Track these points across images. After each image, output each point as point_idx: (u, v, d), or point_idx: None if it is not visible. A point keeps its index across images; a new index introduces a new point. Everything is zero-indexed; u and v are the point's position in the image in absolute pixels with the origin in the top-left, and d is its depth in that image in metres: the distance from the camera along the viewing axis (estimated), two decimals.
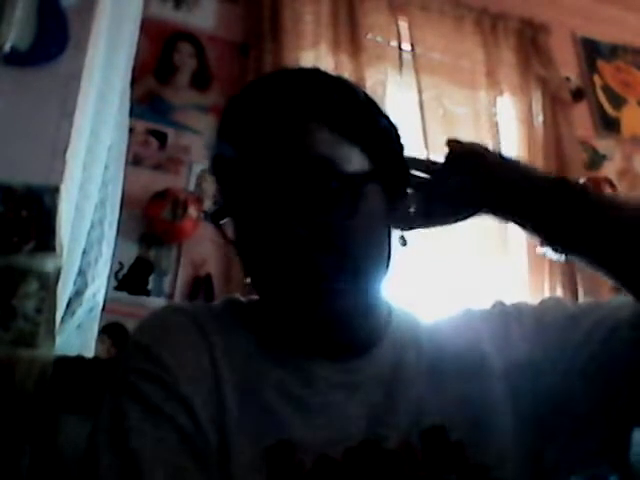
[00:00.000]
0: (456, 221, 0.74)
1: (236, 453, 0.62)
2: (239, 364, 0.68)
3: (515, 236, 2.28)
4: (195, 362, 0.66)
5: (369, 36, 2.38)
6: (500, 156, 0.74)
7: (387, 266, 0.71)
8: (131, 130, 1.89)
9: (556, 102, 2.52)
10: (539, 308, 0.76)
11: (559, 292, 2.20)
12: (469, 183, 0.71)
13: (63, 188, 1.28)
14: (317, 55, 2.26)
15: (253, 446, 0.63)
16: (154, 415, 0.62)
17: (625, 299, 0.69)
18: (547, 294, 2.18)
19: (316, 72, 0.75)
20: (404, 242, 0.73)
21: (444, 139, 0.76)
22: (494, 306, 0.78)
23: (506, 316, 0.76)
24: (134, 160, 2.02)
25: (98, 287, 1.48)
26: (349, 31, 2.34)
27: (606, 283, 2.56)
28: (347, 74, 2.22)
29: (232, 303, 0.77)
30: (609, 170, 2.58)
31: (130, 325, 1.82)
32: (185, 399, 0.63)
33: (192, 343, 0.68)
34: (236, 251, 0.71)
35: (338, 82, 0.74)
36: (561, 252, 0.67)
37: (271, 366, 0.69)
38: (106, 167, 1.54)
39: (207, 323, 0.70)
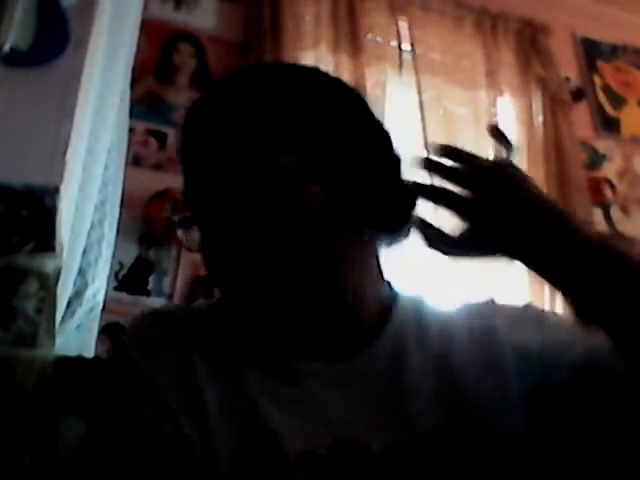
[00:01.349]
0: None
1: (220, 458, 0.63)
2: (220, 369, 0.68)
3: None
4: (176, 375, 0.67)
5: (369, 36, 2.38)
6: (538, 192, 0.63)
7: (358, 266, 0.69)
8: (131, 130, 1.89)
9: (556, 102, 2.52)
10: (559, 322, 0.72)
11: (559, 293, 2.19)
12: (496, 223, 0.60)
13: (63, 188, 1.29)
14: (317, 55, 2.26)
15: (236, 448, 0.63)
16: (142, 426, 0.64)
17: None
18: (547, 295, 2.17)
19: (271, 69, 0.75)
20: (389, 243, 0.71)
21: (444, 139, 0.74)
22: (524, 307, 0.76)
23: (526, 316, 0.74)
24: (134, 160, 2.02)
25: (98, 287, 1.48)
26: (349, 31, 2.34)
27: None
28: (347, 74, 2.22)
29: (220, 304, 0.76)
30: (609, 170, 2.58)
31: None
32: (169, 411, 0.64)
33: (172, 356, 0.69)
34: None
35: (287, 76, 0.72)
36: (589, 321, 0.60)
37: (256, 367, 0.68)
38: (106, 167, 1.54)
39: (188, 331, 0.71)
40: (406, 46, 2.43)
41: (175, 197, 1.98)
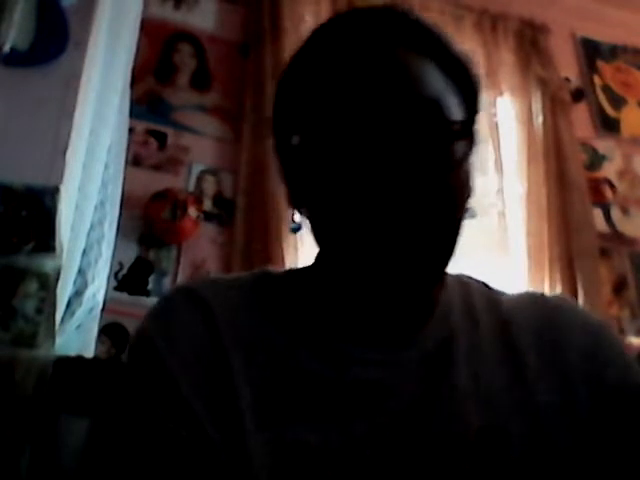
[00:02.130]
0: None
1: (257, 465, 0.57)
2: (255, 352, 0.61)
3: (515, 236, 2.29)
4: (206, 370, 0.60)
5: None
6: None
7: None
8: (131, 130, 1.89)
9: (556, 103, 2.52)
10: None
11: (559, 291, 2.19)
12: None
13: (63, 188, 1.29)
14: None
15: (272, 455, 0.57)
16: (154, 422, 0.58)
17: None
18: (546, 288, 2.17)
19: (407, 10, 0.66)
20: (471, 214, 0.64)
21: None
22: (600, 324, 0.71)
23: (595, 328, 0.69)
24: (134, 160, 2.02)
25: (98, 287, 1.48)
26: None
27: (606, 283, 2.53)
28: None
29: (262, 279, 0.69)
30: (609, 170, 2.58)
31: (130, 325, 1.82)
32: (187, 406, 0.58)
33: (200, 341, 0.61)
34: (291, 197, 0.65)
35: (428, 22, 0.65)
36: None
37: (298, 349, 0.62)
38: (106, 167, 1.54)
39: (221, 313, 0.63)
40: None
41: (175, 197, 1.98)
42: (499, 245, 2.24)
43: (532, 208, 2.31)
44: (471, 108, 0.63)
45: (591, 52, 2.79)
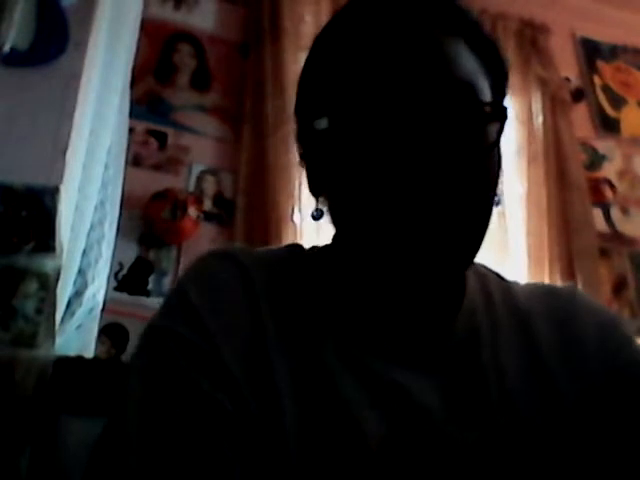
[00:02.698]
0: None
1: (293, 441, 0.54)
2: (294, 336, 0.59)
3: (515, 236, 2.29)
4: (245, 336, 0.57)
5: None
6: None
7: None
8: (131, 130, 1.90)
9: (556, 102, 2.52)
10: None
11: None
12: None
13: (63, 189, 1.29)
14: None
15: (312, 432, 0.55)
16: (187, 388, 0.54)
17: None
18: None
19: None
20: (498, 201, 0.61)
21: None
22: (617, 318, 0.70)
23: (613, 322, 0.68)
24: (134, 160, 2.02)
25: (98, 287, 1.48)
26: None
27: (606, 283, 2.53)
28: None
29: (295, 253, 0.67)
30: (609, 170, 2.58)
31: (130, 326, 1.82)
32: (226, 372, 0.54)
33: (238, 305, 0.59)
34: (311, 178, 0.64)
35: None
36: None
37: (333, 331, 0.60)
38: (106, 167, 1.54)
39: (259, 280, 0.61)
40: None
41: (175, 197, 1.98)
42: (499, 245, 2.24)
43: (532, 208, 2.31)
44: (499, 91, 0.62)
45: (591, 52, 2.79)
